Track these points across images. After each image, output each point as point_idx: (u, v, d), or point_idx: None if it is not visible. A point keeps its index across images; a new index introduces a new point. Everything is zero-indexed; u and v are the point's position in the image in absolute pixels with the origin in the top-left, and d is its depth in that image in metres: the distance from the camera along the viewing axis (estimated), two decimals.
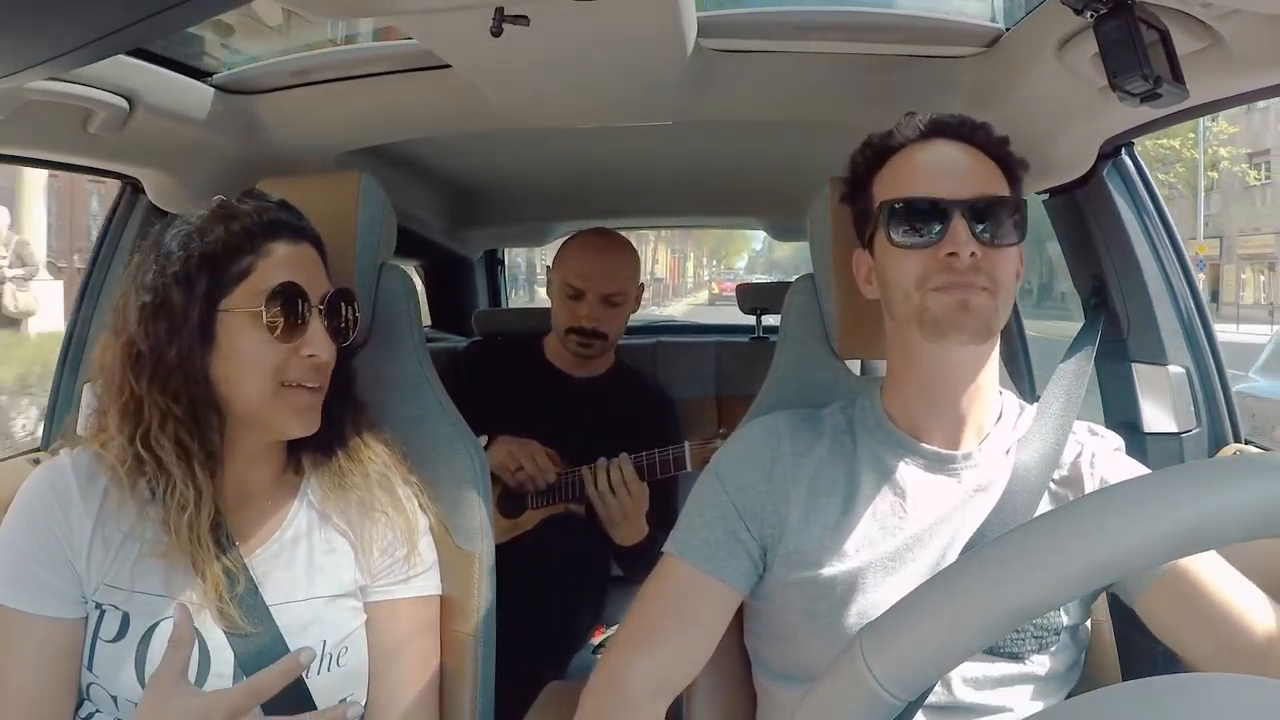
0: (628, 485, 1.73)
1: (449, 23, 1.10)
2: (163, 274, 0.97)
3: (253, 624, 0.98)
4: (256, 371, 0.98)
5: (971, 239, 0.96)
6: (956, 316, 0.96)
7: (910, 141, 1.03)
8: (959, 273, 0.96)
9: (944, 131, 1.03)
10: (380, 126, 1.70)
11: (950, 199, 0.97)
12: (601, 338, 1.95)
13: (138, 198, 1.64)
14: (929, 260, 0.97)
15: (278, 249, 1.01)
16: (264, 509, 1.05)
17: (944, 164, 1.01)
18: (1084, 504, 0.48)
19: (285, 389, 1.00)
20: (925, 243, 0.98)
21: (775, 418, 1.11)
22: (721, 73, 1.41)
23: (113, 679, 0.95)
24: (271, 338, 0.98)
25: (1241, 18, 0.90)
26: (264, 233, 1.00)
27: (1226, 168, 24.09)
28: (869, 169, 1.06)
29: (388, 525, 1.07)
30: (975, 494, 1.02)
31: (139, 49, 1.30)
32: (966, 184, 0.99)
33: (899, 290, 1.01)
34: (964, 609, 0.47)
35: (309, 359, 1.00)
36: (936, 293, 0.97)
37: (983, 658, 0.97)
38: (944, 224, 0.97)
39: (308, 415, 1.02)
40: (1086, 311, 1.40)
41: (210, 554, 0.97)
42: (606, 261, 1.96)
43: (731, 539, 1.03)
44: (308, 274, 1.02)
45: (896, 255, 1.00)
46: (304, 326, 1.00)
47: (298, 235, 1.03)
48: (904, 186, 1.01)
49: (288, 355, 0.99)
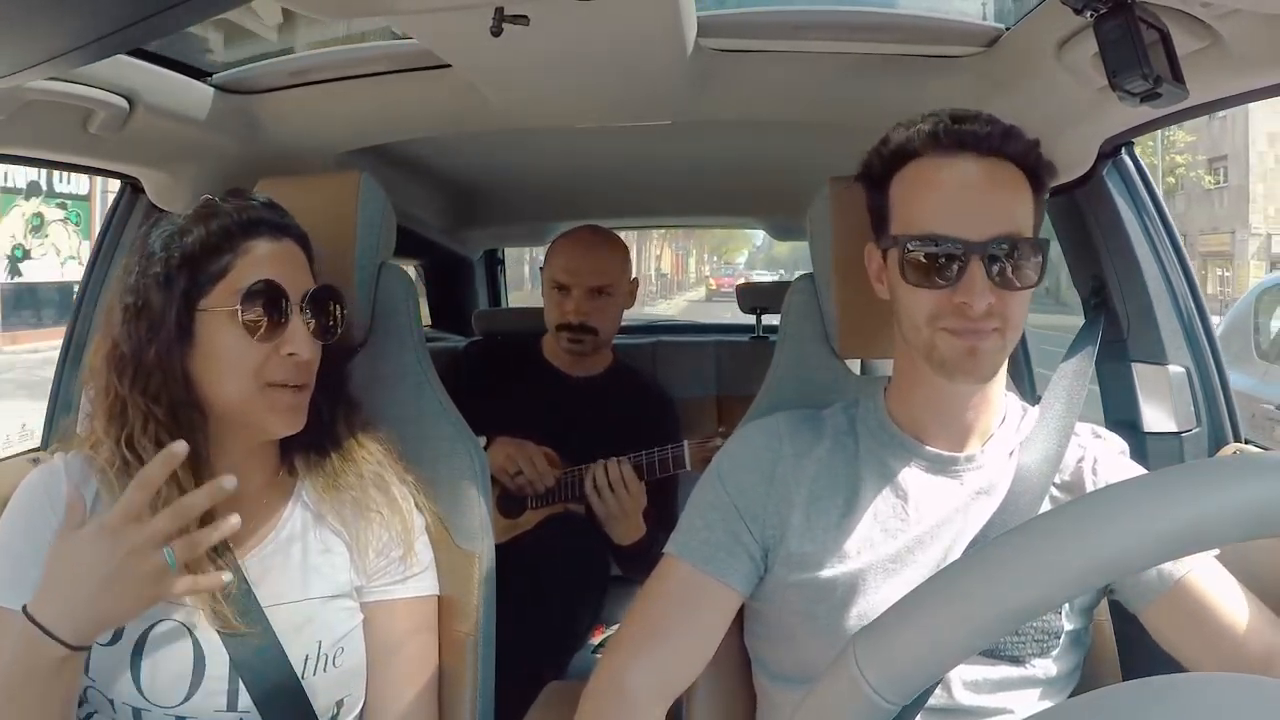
0: (626, 484, 1.73)
1: (449, 22, 1.10)
2: (144, 274, 0.98)
3: (247, 625, 0.97)
4: (237, 371, 0.98)
5: (988, 287, 0.92)
6: (964, 361, 0.95)
7: (933, 152, 0.97)
8: (971, 320, 0.93)
9: (971, 145, 0.95)
10: (380, 126, 1.70)
11: (970, 240, 0.92)
12: (591, 333, 1.94)
13: (138, 197, 1.64)
14: (943, 301, 0.94)
15: (258, 247, 1.00)
16: (258, 510, 1.05)
17: (968, 194, 0.95)
18: (1081, 505, 0.48)
19: (268, 389, 0.99)
20: (939, 285, 0.94)
21: (776, 419, 1.10)
22: (721, 72, 1.41)
23: (109, 683, 0.95)
24: (251, 337, 0.97)
25: (1241, 18, 0.90)
26: (243, 231, 1.00)
27: (1183, 174, 25.22)
28: (886, 170, 1.01)
29: (383, 525, 1.07)
30: (978, 496, 1.02)
31: (139, 49, 1.30)
32: (989, 221, 0.93)
33: (909, 321, 0.98)
34: (957, 612, 0.47)
35: (290, 358, 0.99)
36: (946, 334, 0.95)
37: (984, 661, 0.97)
38: (962, 269, 0.92)
39: (291, 415, 1.01)
40: (1086, 311, 1.40)
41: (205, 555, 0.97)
42: (590, 255, 1.97)
43: (732, 540, 1.03)
44: (289, 271, 1.01)
45: (910, 289, 0.96)
46: (284, 325, 0.99)
47: (279, 232, 1.02)
48: (920, 217, 0.96)
49: (268, 354, 0.98)
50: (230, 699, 0.97)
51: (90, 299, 1.66)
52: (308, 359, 1.01)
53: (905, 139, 0.99)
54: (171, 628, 0.97)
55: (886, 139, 1.02)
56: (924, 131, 0.98)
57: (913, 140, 0.98)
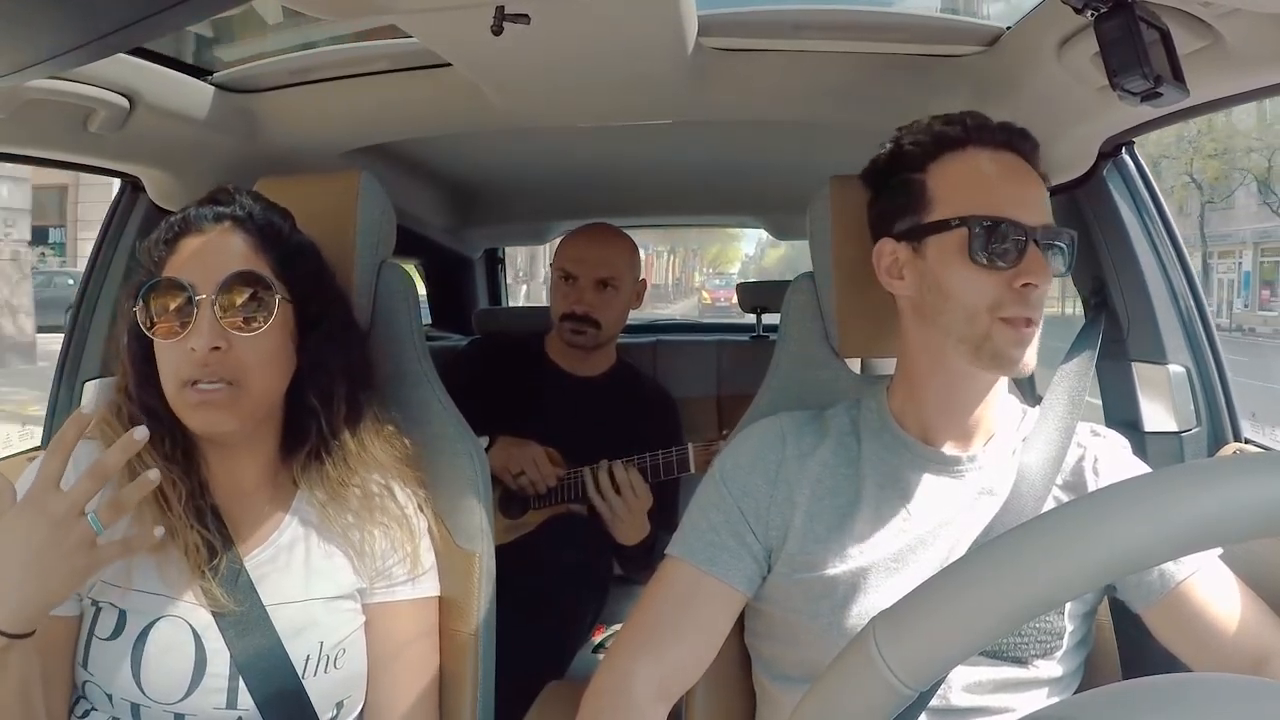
0: (634, 488, 1.73)
1: (449, 21, 1.10)
2: (130, 274, 0.99)
3: (249, 623, 0.98)
4: (165, 372, 0.97)
5: (1046, 270, 0.95)
6: (1015, 351, 0.96)
7: (981, 143, 1.00)
8: (1031, 305, 0.95)
9: (1015, 145, 1.00)
10: (380, 125, 1.70)
11: (1032, 225, 0.95)
12: (595, 325, 1.94)
13: (138, 197, 1.64)
14: (1004, 287, 0.95)
15: (188, 244, 0.99)
16: (261, 510, 1.05)
17: (1023, 185, 0.99)
18: (1101, 496, 0.47)
19: (184, 388, 0.95)
20: (1004, 267, 0.95)
21: (779, 419, 1.10)
22: (722, 72, 1.41)
23: (109, 678, 0.95)
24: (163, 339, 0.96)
25: (1241, 17, 0.90)
26: (181, 229, 1.00)
27: None
28: (925, 156, 1.01)
29: (386, 530, 1.06)
30: (980, 496, 1.02)
31: (139, 48, 1.29)
32: (1039, 210, 0.98)
33: (964, 309, 0.97)
34: (980, 599, 0.46)
35: (191, 353, 0.95)
36: (1004, 324, 0.95)
37: (986, 661, 0.97)
38: (1022, 251, 0.95)
39: (208, 411, 0.96)
40: (1087, 311, 1.40)
41: (210, 552, 0.97)
42: (599, 246, 1.98)
43: (736, 541, 1.03)
44: (208, 262, 0.97)
45: (972, 273, 0.96)
46: (190, 321, 0.95)
47: (216, 220, 1.00)
48: (985, 201, 0.97)
49: (182, 352, 0.95)
50: (230, 697, 0.97)
51: (90, 299, 1.66)
52: (206, 353, 0.94)
53: (945, 129, 1.01)
54: (173, 624, 0.97)
55: (925, 128, 1.02)
56: (968, 124, 1.01)
57: (957, 131, 1.00)
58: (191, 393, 0.95)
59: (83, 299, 1.67)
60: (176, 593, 0.98)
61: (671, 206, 3.15)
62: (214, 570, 0.98)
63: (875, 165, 1.07)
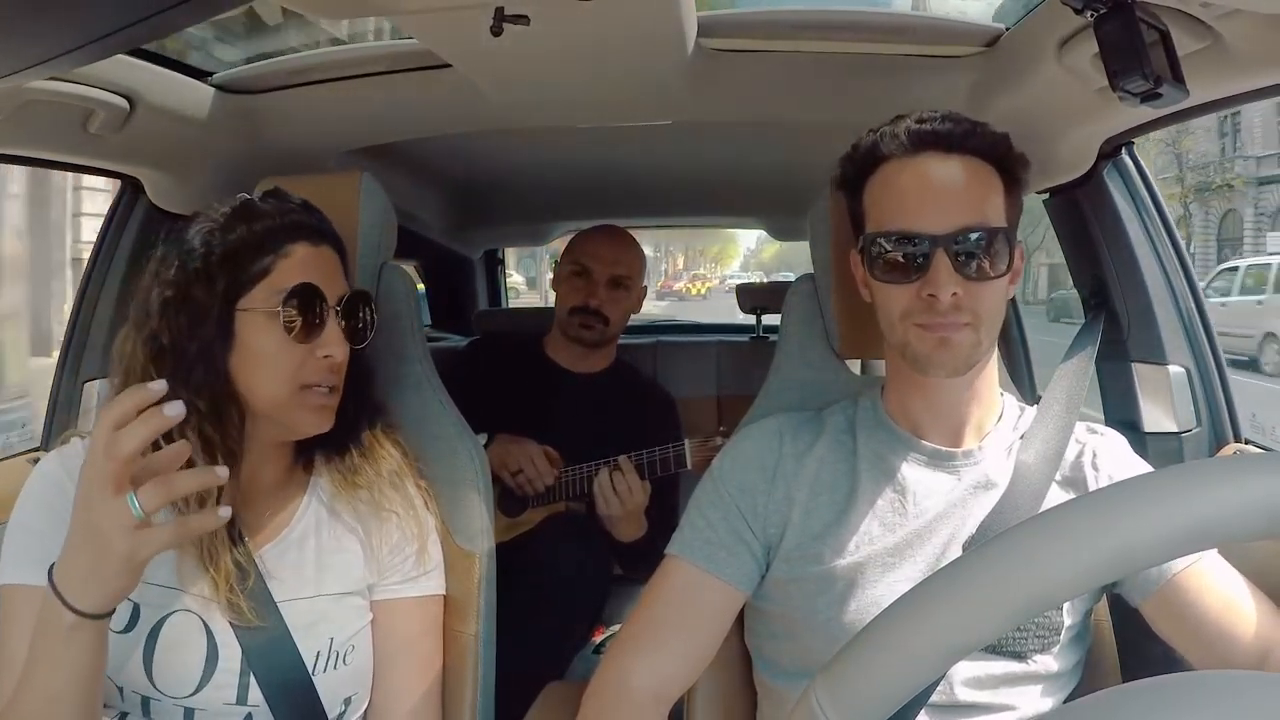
0: (631, 489, 1.73)
1: (449, 22, 1.10)
2: (184, 269, 0.98)
3: (261, 618, 0.98)
4: (274, 370, 0.99)
5: (953, 278, 0.94)
6: (936, 354, 0.97)
7: (896, 155, 0.99)
8: (939, 313, 0.95)
9: (931, 143, 0.97)
10: (380, 126, 1.70)
11: (932, 234, 0.94)
12: (604, 321, 1.96)
13: (138, 197, 1.64)
14: (911, 297, 0.96)
15: (298, 250, 1.01)
16: (273, 504, 1.06)
17: (928, 189, 0.96)
18: (1062, 511, 0.47)
19: (303, 390, 1.00)
20: (907, 279, 0.96)
21: (777, 419, 1.11)
22: (722, 72, 1.41)
23: (119, 670, 0.95)
24: (288, 338, 0.98)
25: (1241, 18, 0.90)
26: (285, 233, 1.01)
27: None
28: (859, 175, 1.03)
29: (398, 524, 1.08)
30: (976, 491, 1.02)
31: (139, 49, 1.30)
32: (952, 213, 0.95)
33: (885, 318, 1.01)
34: (917, 641, 0.47)
35: (325, 359, 1.00)
36: (918, 329, 0.97)
37: (985, 657, 0.97)
38: (926, 261, 0.95)
39: (323, 415, 1.03)
40: (1086, 311, 1.40)
41: (223, 547, 0.98)
42: (616, 246, 2.02)
43: (735, 539, 1.04)
44: (326, 276, 1.02)
45: (879, 287, 1.00)
46: (320, 327, 1.00)
47: (318, 237, 1.04)
48: (887, 215, 0.98)
49: (305, 356, 1.00)
50: (240, 692, 0.98)
51: (90, 299, 1.66)
52: (341, 361, 1.02)
53: (872, 144, 1.01)
54: (186, 619, 0.98)
55: (856, 146, 1.04)
56: (888, 134, 1.00)
57: (879, 144, 1.00)
58: (313, 395, 1.01)
59: (83, 299, 1.67)
60: (190, 587, 0.98)
61: (671, 208, 3.16)
62: (228, 566, 0.98)
63: (836, 184, 1.09)
